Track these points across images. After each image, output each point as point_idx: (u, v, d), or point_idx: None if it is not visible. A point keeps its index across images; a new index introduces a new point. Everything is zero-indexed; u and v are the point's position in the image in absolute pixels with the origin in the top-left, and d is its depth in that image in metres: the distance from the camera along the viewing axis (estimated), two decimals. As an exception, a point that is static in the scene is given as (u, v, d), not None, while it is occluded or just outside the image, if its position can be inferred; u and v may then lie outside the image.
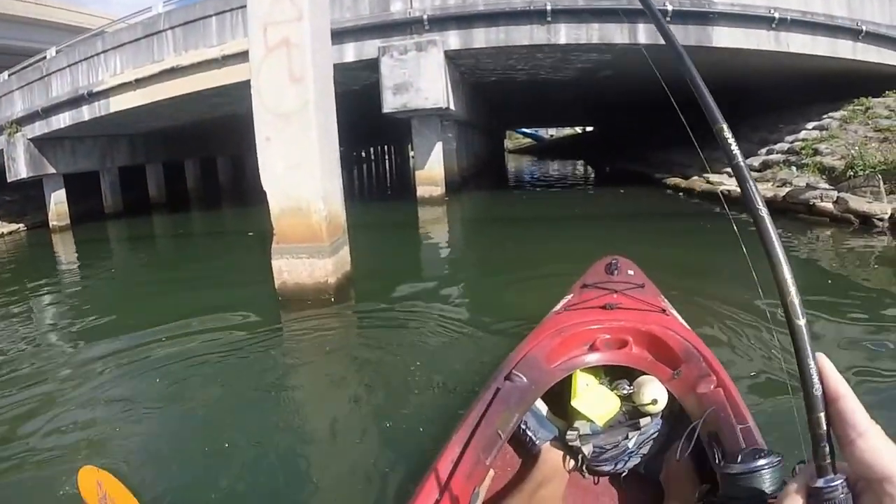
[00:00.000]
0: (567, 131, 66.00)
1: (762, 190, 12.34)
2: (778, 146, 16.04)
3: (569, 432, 2.88)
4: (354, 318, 7.41)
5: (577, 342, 3.19)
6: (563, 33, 14.65)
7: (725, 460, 1.97)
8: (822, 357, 0.99)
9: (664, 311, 3.49)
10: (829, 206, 11.69)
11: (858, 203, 11.20)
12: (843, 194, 11.75)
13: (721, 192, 14.38)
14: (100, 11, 38.88)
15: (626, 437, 2.82)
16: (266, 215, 7.86)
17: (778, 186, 13.56)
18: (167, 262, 14.31)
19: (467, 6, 14.90)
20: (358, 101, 16.48)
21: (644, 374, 3.00)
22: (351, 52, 15.22)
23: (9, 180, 22.06)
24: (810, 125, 16.25)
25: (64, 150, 22.89)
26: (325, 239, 7.59)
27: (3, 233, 23.29)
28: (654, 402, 2.85)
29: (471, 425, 2.55)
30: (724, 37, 14.49)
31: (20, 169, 21.54)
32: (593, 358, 3.12)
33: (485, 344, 5.75)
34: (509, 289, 8.18)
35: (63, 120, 20.25)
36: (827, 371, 0.98)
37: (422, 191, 17.31)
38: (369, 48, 15.01)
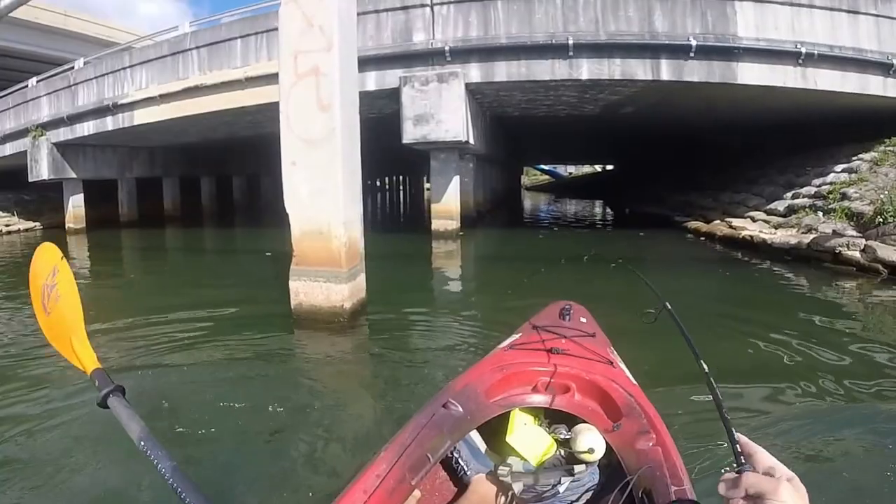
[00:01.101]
0: (586, 169, 65.17)
1: (786, 236, 12.97)
2: (804, 190, 15.37)
3: (501, 467, 2.81)
4: (366, 344, 7.37)
5: (520, 381, 3.11)
6: (585, 68, 14.41)
7: None
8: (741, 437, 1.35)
9: (611, 362, 3.37)
10: (856, 254, 11.04)
11: (887, 252, 10.57)
12: (871, 242, 11.08)
13: (744, 237, 14.12)
14: (125, 26, 39.17)
15: (559, 482, 2.77)
16: (280, 237, 7.87)
17: (803, 232, 12.99)
18: (179, 275, 14.25)
19: (489, 39, 14.83)
20: (375, 129, 16.36)
21: (584, 422, 2.92)
22: (373, 81, 15.23)
23: (30, 180, 22.61)
24: (839, 167, 15.52)
25: (85, 157, 23.33)
26: (343, 264, 7.58)
27: (19, 229, 23.79)
28: (591, 451, 2.77)
29: (401, 445, 2.51)
30: (750, 73, 14.00)
31: (42, 171, 22.05)
32: (534, 399, 3.04)
33: None
34: (505, 316, 7.97)
35: (87, 128, 20.53)
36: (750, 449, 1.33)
37: (437, 224, 17.07)
38: (391, 77, 15.02)
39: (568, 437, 2.90)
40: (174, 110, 18.02)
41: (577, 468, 2.79)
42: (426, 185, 58.65)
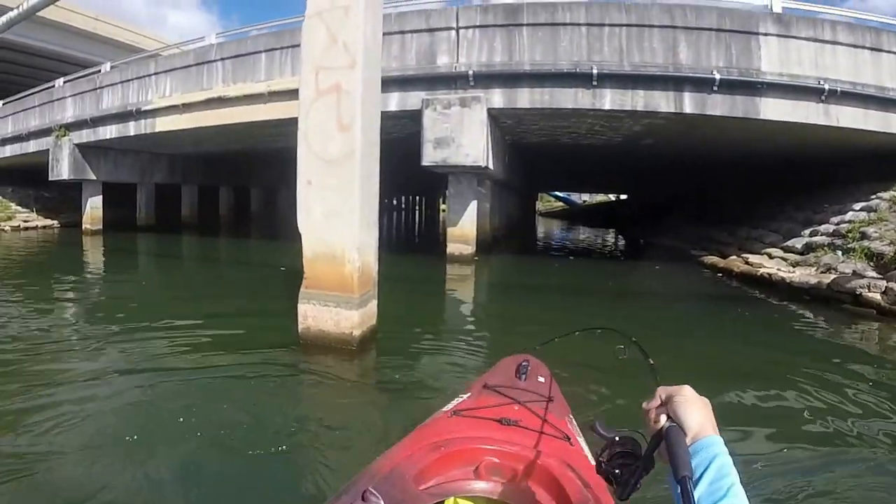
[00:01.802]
0: (599, 198, 64.89)
1: (805, 276, 12.61)
2: (822, 227, 15.02)
3: None
4: (372, 374, 6.96)
5: (460, 461, 2.63)
6: (609, 98, 14.17)
7: None
8: None
9: (569, 438, 2.92)
10: (876, 296, 10.60)
11: (909, 294, 10.14)
12: (892, 284, 10.62)
13: (762, 275, 13.74)
14: (154, 34, 39.23)
15: None
16: (296, 251, 7.56)
17: (822, 272, 12.59)
18: (191, 284, 13.99)
19: (513, 65, 14.58)
20: (393, 149, 16.05)
21: None
22: (395, 102, 14.96)
23: (50, 178, 22.68)
24: (857, 206, 15.20)
25: (106, 160, 23.44)
26: (355, 290, 7.22)
27: (37, 226, 24.02)
28: None
29: None
30: (773, 109, 13.74)
31: (63, 170, 22.14)
32: (475, 487, 2.57)
33: None
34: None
35: (110, 131, 20.49)
36: None
37: (452, 248, 16.71)
38: (413, 99, 14.76)
39: None
40: (196, 120, 17.91)
41: None
42: (442, 207, 58.54)
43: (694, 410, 1.45)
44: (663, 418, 1.48)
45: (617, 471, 1.60)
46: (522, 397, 3.14)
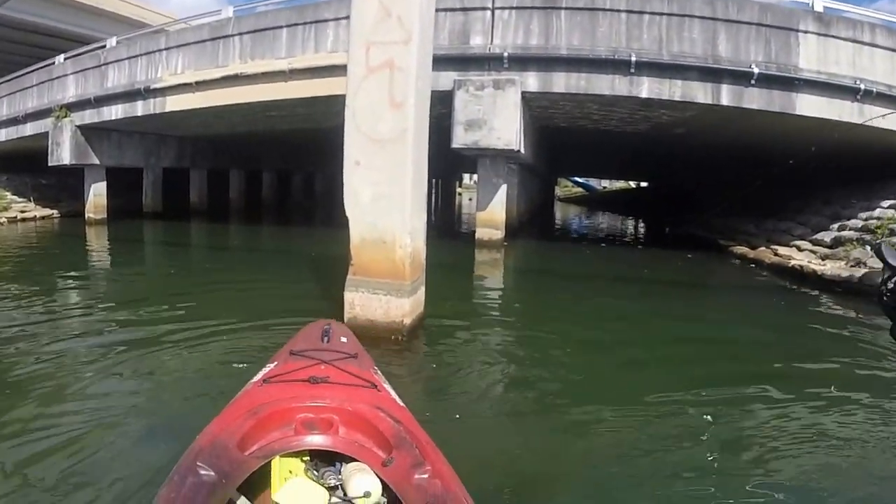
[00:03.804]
0: (619, 184, 64.76)
1: (837, 269, 12.99)
2: (851, 222, 15.31)
3: None
4: (425, 367, 6.91)
5: (277, 423, 2.91)
6: (646, 87, 14.23)
7: None
8: None
9: (376, 385, 3.32)
10: None
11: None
12: None
13: (793, 266, 14.01)
14: (160, 9, 39.02)
15: None
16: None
17: (852, 266, 12.95)
18: (205, 275, 13.67)
19: (549, 49, 14.54)
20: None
21: (354, 460, 2.81)
22: (427, 81, 14.83)
23: (50, 164, 22.13)
24: (885, 203, 15.47)
25: (110, 143, 23.03)
26: (406, 277, 7.22)
27: (35, 216, 23.40)
28: (367, 494, 2.62)
29: None
30: (808, 105, 14.04)
31: (64, 155, 21.62)
32: (295, 442, 2.86)
33: (558, 409, 5.58)
34: (582, 351, 7.74)
35: (115, 112, 20.23)
36: None
37: (481, 233, 16.76)
38: (445, 80, 14.61)
39: (339, 482, 2.77)
40: (210, 98, 17.71)
41: None
42: (458, 190, 58.31)
43: None
44: None
45: None
46: (327, 357, 3.50)
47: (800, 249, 15.31)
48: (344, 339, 3.97)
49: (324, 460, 2.89)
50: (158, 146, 25.71)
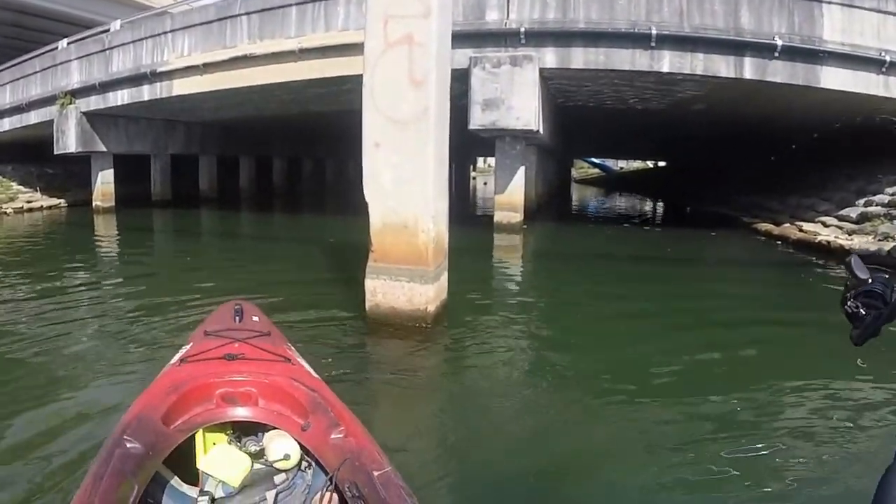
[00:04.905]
0: (635, 164, 64.42)
1: (865, 243, 13.02)
2: (877, 198, 15.13)
3: (200, 498, 2.76)
4: (450, 357, 6.78)
5: (198, 398, 3.08)
6: (667, 61, 14.03)
7: None
8: None
9: (290, 360, 3.50)
10: None
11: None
12: None
13: (820, 242, 13.94)
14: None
15: (264, 498, 2.83)
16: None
17: (880, 241, 12.94)
18: (220, 263, 13.57)
19: (567, 23, 14.31)
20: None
21: (274, 428, 3.01)
22: (439, 59, 14.60)
23: (55, 152, 22.01)
24: None
25: (117, 129, 22.85)
26: (429, 263, 7.03)
27: (42, 206, 23.28)
28: (287, 457, 2.86)
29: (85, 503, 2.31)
30: (833, 78, 13.83)
31: (69, 142, 21.48)
32: (217, 415, 3.05)
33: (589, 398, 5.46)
34: (609, 335, 7.65)
35: (121, 97, 20.09)
36: None
37: (499, 216, 16.61)
38: (460, 57, 14.27)
39: (260, 447, 2.96)
40: (218, 81, 17.53)
41: (278, 478, 2.90)
42: (473, 174, 58.03)
43: None
44: None
45: (861, 311, 1.75)
46: (241, 335, 3.63)
47: (825, 225, 15.24)
48: (256, 318, 4.09)
49: (246, 432, 3.06)
50: (166, 132, 25.53)
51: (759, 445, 4.42)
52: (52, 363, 6.07)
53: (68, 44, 21.92)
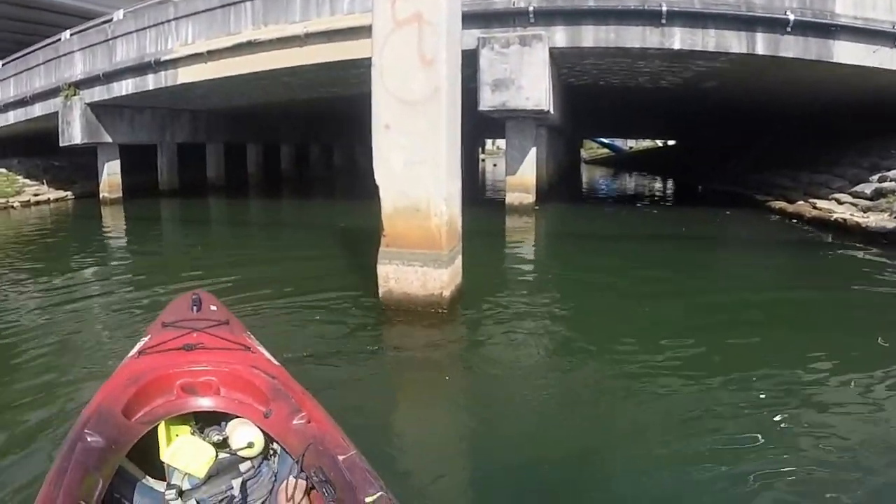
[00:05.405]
0: (645, 144, 64.07)
1: (882, 220, 12.82)
2: (892, 173, 14.83)
3: (167, 491, 2.71)
4: (467, 344, 6.57)
5: (158, 390, 3.08)
6: (678, 38, 13.86)
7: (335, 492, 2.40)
8: None
9: (249, 348, 3.50)
10: None
11: None
12: None
13: (836, 220, 13.69)
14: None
15: (230, 487, 2.80)
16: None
17: None
18: (225, 252, 13.48)
19: (576, 1, 14.14)
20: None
21: (236, 417, 3.02)
22: (447, 40, 14.43)
23: (61, 144, 21.92)
24: None
25: (122, 119, 22.74)
26: (443, 246, 6.87)
27: (49, 199, 23.20)
28: (251, 445, 2.86)
29: (49, 499, 2.26)
30: (846, 52, 13.65)
31: (75, 134, 21.35)
32: (178, 405, 3.05)
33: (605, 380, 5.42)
34: (628, 314, 7.51)
35: (126, 87, 19.96)
36: None
37: (511, 198, 16.58)
38: (468, 38, 13.99)
39: (223, 437, 2.95)
40: (223, 68, 17.38)
41: (243, 466, 2.88)
42: (482, 156, 57.78)
43: None
44: None
45: None
46: (199, 325, 3.62)
47: (839, 202, 15.03)
48: (214, 308, 4.05)
49: (209, 422, 3.05)
50: (172, 121, 25.45)
51: (782, 423, 4.37)
52: (61, 354, 5.98)
53: (71, 35, 21.80)
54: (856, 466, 3.82)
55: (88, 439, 2.58)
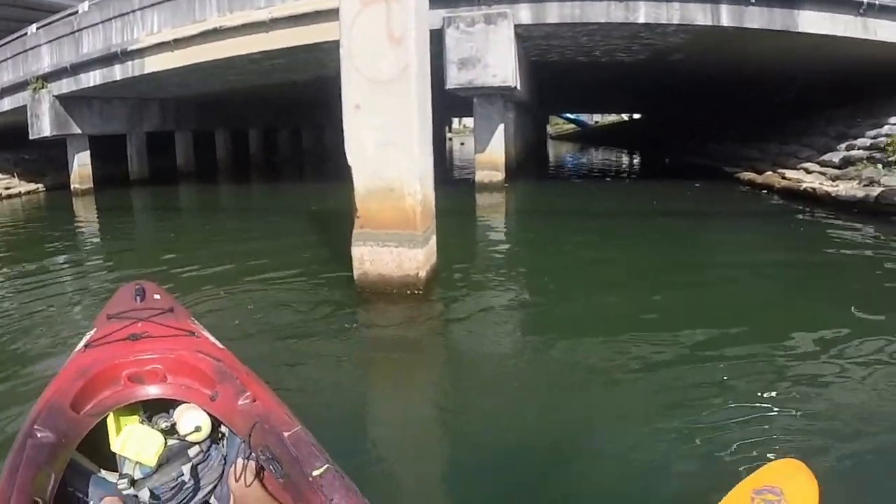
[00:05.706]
0: (610, 118, 64.04)
1: (851, 189, 12.77)
2: (859, 141, 14.93)
3: (119, 481, 2.70)
4: (451, 321, 6.54)
5: (105, 381, 3.05)
6: (643, 11, 13.89)
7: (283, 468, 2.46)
8: None
9: (194, 333, 3.51)
10: None
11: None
12: None
13: (805, 189, 13.75)
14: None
15: (181, 473, 2.82)
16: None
17: (865, 186, 12.71)
18: (198, 238, 13.29)
19: (540, -23, 14.09)
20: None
21: (184, 402, 3.01)
22: (412, 21, 14.33)
23: (31, 137, 21.61)
24: (893, 119, 15.12)
25: (91, 111, 22.40)
26: (418, 226, 6.81)
27: (20, 192, 22.88)
28: (198, 429, 2.86)
29: (3, 498, 2.25)
30: (810, 22, 13.68)
31: (44, 127, 21.06)
32: (126, 395, 3.03)
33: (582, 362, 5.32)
34: (603, 289, 7.54)
35: (93, 78, 19.69)
36: None
37: (480, 175, 16.61)
38: (433, 18, 13.76)
39: (172, 423, 2.91)
40: (190, 56, 17.16)
41: (192, 451, 2.87)
42: (448, 135, 57.65)
43: None
44: None
45: None
46: (144, 314, 3.61)
47: (808, 172, 15.11)
48: (157, 297, 4.04)
49: (157, 410, 3.00)
50: (141, 110, 25.08)
51: (759, 392, 4.42)
52: (32, 344, 5.92)
53: (38, 28, 21.39)
54: (833, 435, 3.84)
55: (38, 435, 2.59)
